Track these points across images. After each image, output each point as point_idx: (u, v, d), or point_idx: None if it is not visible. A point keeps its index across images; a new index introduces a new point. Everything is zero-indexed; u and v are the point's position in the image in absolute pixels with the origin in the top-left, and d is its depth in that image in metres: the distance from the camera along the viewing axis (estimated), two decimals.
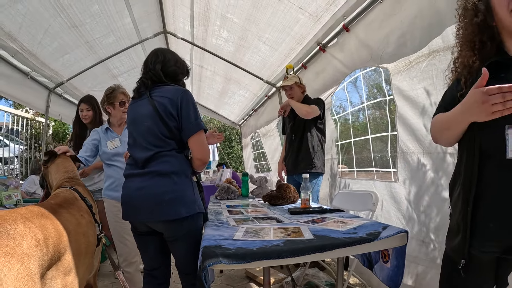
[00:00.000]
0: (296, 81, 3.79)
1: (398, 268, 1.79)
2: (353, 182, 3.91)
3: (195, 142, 2.12)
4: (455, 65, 1.58)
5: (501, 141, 1.30)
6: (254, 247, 1.56)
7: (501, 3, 1.38)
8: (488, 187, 1.35)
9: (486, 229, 1.36)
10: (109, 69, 5.98)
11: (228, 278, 4.04)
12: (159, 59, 2.26)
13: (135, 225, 2.23)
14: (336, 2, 3.33)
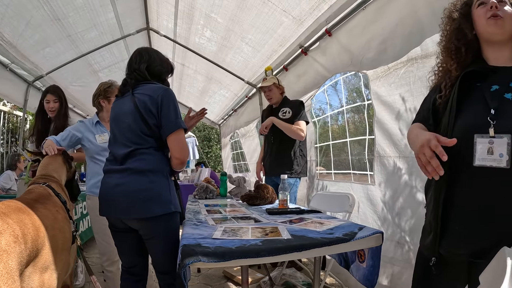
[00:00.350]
0: (274, 82, 3.80)
1: (374, 267, 1.84)
2: (330, 184, 3.97)
3: (174, 141, 2.11)
4: (438, 69, 1.65)
5: (469, 150, 1.37)
6: (233, 246, 1.57)
7: (480, 13, 1.46)
8: (457, 192, 1.41)
9: (454, 231, 1.42)
10: (90, 64, 5.91)
11: (206, 277, 4.05)
12: (144, 59, 2.26)
13: (112, 222, 2.22)
14: (319, 7, 3.38)
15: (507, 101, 1.35)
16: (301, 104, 3.74)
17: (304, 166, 3.80)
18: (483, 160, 1.33)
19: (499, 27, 1.42)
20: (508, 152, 1.28)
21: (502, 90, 1.38)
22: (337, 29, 3.41)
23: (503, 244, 1.26)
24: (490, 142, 1.32)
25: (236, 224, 2.16)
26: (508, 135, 1.29)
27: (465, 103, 1.45)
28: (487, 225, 1.32)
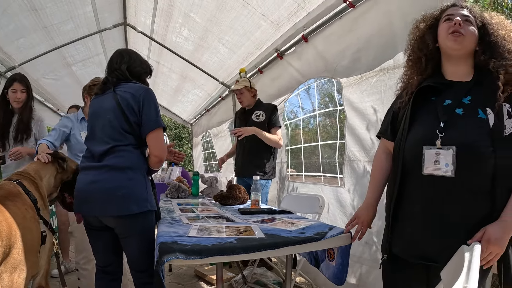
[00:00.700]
0: (246, 85, 3.83)
1: (343, 266, 1.93)
2: (301, 185, 4.06)
3: (153, 139, 2.15)
4: (403, 77, 1.78)
5: (419, 160, 1.50)
6: (209, 244, 1.62)
7: (444, 27, 1.58)
8: (408, 198, 1.55)
9: (406, 234, 1.55)
10: (64, 57, 5.77)
11: (178, 276, 4.07)
12: (124, 60, 2.29)
13: (88, 220, 2.22)
14: (298, 13, 3.46)
15: (457, 115, 1.47)
16: (274, 109, 3.81)
17: (275, 167, 3.87)
18: (431, 169, 1.46)
19: (458, 43, 1.52)
20: (453, 162, 1.41)
21: (454, 105, 1.50)
22: (313, 35, 3.50)
23: (451, 248, 1.38)
24: (437, 153, 1.45)
25: (210, 223, 2.20)
26: (454, 147, 1.41)
27: (419, 115, 1.58)
28: (434, 230, 1.45)
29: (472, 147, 1.40)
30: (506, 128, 1.40)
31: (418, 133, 1.55)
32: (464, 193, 1.40)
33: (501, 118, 1.40)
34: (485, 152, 1.38)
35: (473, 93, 1.51)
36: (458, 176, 1.41)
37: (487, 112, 1.43)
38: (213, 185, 3.88)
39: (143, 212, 2.08)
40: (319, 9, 3.22)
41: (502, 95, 1.41)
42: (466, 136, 1.42)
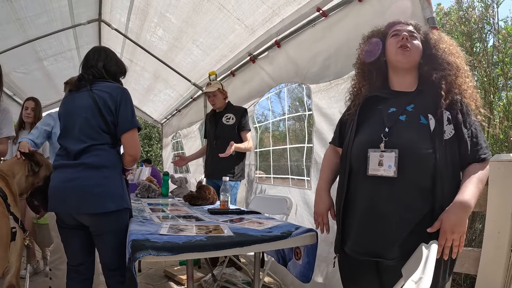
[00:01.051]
0: (219, 87, 3.91)
1: (309, 264, 2.01)
2: (269, 187, 4.14)
3: (129, 139, 2.19)
4: (352, 89, 1.90)
5: (365, 162, 1.61)
6: (180, 241, 1.67)
7: (392, 42, 1.71)
8: (354, 197, 1.67)
9: (353, 232, 1.66)
10: (36, 51, 5.62)
11: (147, 277, 4.07)
12: (101, 57, 2.31)
13: (62, 218, 2.20)
14: (272, 19, 3.54)
15: (401, 121, 1.61)
16: (244, 112, 3.89)
17: (244, 169, 3.94)
18: (375, 170, 1.58)
19: (406, 57, 1.66)
20: (396, 164, 1.53)
21: (398, 112, 1.63)
22: (286, 41, 3.58)
23: (396, 244, 1.51)
24: (381, 156, 1.57)
25: (180, 222, 2.24)
26: (396, 150, 1.54)
27: (366, 122, 1.71)
28: (379, 227, 1.56)
29: (413, 149, 1.53)
30: (446, 133, 1.54)
31: (364, 137, 1.67)
32: (406, 192, 1.52)
33: (441, 124, 1.54)
34: (425, 153, 1.51)
35: (416, 102, 1.64)
36: (400, 176, 1.53)
37: (428, 118, 1.57)
38: (183, 185, 3.92)
39: (119, 210, 2.12)
40: (293, 16, 3.30)
41: (444, 102, 1.56)
42: (408, 139, 1.55)
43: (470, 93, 1.67)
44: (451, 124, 1.57)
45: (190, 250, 1.63)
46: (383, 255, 1.55)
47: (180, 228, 1.98)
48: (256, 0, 3.40)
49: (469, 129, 1.57)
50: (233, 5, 3.64)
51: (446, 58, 1.64)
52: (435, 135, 1.53)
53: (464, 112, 1.60)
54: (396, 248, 1.52)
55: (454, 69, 1.63)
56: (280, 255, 2.34)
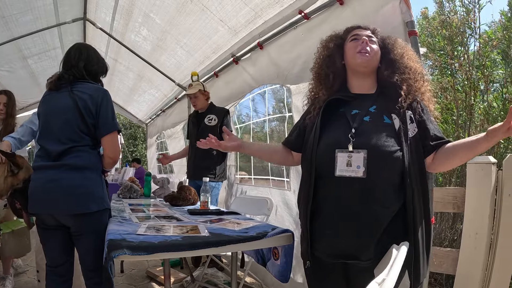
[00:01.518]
0: (200, 88, 3.94)
1: (287, 264, 2.03)
2: (250, 188, 4.16)
3: (109, 141, 2.23)
4: (310, 94, 1.92)
5: (332, 163, 1.60)
6: (156, 241, 1.68)
7: (351, 46, 1.73)
8: (322, 200, 1.65)
9: (323, 236, 1.64)
10: (20, 49, 5.56)
11: (129, 277, 4.06)
12: (82, 56, 2.30)
13: (42, 219, 2.19)
14: (255, 21, 3.55)
15: (366, 122, 1.62)
16: (227, 113, 3.92)
17: (225, 170, 3.96)
18: (343, 171, 1.57)
19: (365, 61, 1.69)
20: (364, 164, 1.53)
21: (362, 114, 1.65)
22: (268, 43, 3.59)
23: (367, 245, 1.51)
24: (349, 156, 1.57)
25: (159, 222, 2.24)
26: (365, 150, 1.55)
27: (330, 124, 1.71)
28: (350, 229, 1.55)
29: (381, 148, 1.54)
30: (409, 131, 1.57)
31: (330, 139, 1.66)
32: (375, 192, 1.53)
33: (405, 123, 1.57)
34: (393, 152, 1.53)
35: (378, 103, 1.67)
36: (370, 176, 1.53)
37: (392, 118, 1.59)
38: (165, 186, 3.92)
39: (100, 210, 2.15)
40: (275, 18, 3.32)
41: (405, 103, 1.60)
42: (375, 139, 1.56)
43: (428, 96, 1.73)
44: (413, 123, 1.60)
45: (165, 250, 1.64)
46: (358, 256, 1.54)
47: (158, 228, 1.99)
48: (239, 2, 3.41)
49: (432, 124, 1.62)
50: (216, 6, 3.65)
51: (405, 63, 1.68)
52: (400, 133, 1.55)
53: (425, 111, 1.65)
54: (370, 248, 1.52)
55: (413, 73, 1.67)
56: (260, 256, 2.35)
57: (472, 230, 2.07)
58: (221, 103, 4.29)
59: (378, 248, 1.50)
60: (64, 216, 2.11)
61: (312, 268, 1.75)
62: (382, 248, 1.46)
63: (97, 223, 2.14)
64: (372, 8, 2.44)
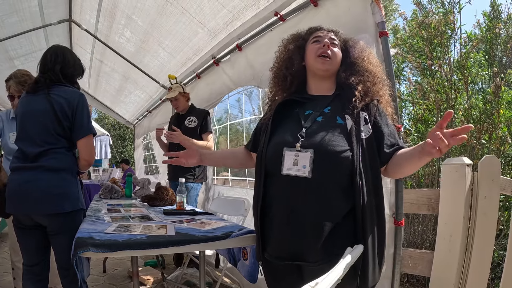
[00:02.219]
0: (180, 91, 3.95)
1: (255, 264, 2.05)
2: (227, 189, 4.19)
3: (84, 145, 2.31)
4: (268, 95, 1.90)
5: (279, 161, 1.58)
6: (121, 239, 1.70)
7: (312, 48, 1.72)
8: (271, 199, 1.63)
9: (272, 236, 1.62)
10: (7, 50, 5.58)
11: (111, 277, 4.09)
12: (59, 59, 2.34)
13: (19, 218, 2.24)
14: (233, 23, 3.59)
15: (317, 122, 1.61)
16: (207, 114, 3.93)
17: (205, 171, 3.98)
18: (289, 169, 1.54)
19: (326, 64, 1.68)
20: (311, 164, 1.50)
21: (316, 114, 1.63)
22: (246, 45, 3.63)
23: (314, 247, 1.47)
24: (296, 155, 1.54)
25: (131, 221, 2.26)
26: (312, 150, 1.52)
27: (282, 124, 1.69)
28: (296, 229, 1.52)
29: (328, 148, 1.50)
30: (363, 132, 1.54)
31: (280, 138, 1.64)
32: (322, 192, 1.48)
33: (358, 123, 1.54)
34: (341, 152, 1.49)
35: (333, 104, 1.65)
36: (316, 176, 1.49)
37: (345, 118, 1.56)
38: (145, 186, 3.93)
39: (75, 210, 2.23)
40: (253, 20, 3.37)
41: (359, 103, 1.58)
42: (324, 139, 1.52)
43: (387, 100, 1.71)
44: (368, 124, 1.56)
45: (128, 248, 1.66)
46: (304, 258, 1.51)
47: (128, 227, 2.02)
48: (216, 4, 3.46)
49: (387, 127, 1.60)
50: (195, 9, 3.68)
51: (365, 66, 1.66)
52: (352, 134, 1.51)
53: (382, 114, 1.62)
54: (317, 250, 1.48)
55: (372, 77, 1.65)
56: (231, 256, 2.38)
57: (447, 232, 2.07)
58: (201, 104, 4.32)
59: (328, 251, 1.46)
60: (40, 216, 2.16)
61: (266, 270, 1.73)
62: (332, 251, 1.44)
63: (72, 222, 2.17)
64: (344, 9, 2.49)
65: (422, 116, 4.54)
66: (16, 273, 2.92)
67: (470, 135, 4.11)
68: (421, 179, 4.39)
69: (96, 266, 4.29)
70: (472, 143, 4.08)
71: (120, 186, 4.08)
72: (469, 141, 4.09)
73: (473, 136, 4.08)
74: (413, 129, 4.52)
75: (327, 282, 1.04)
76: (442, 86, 4.47)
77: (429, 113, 4.61)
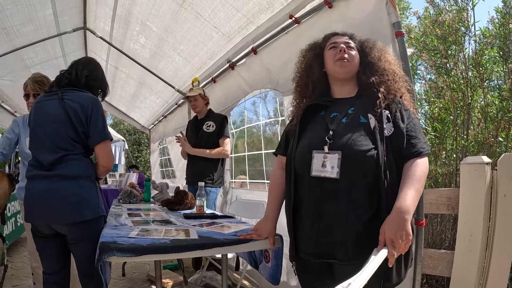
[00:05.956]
0: (200, 92, 4.00)
1: (277, 267, 2.07)
2: (245, 192, 4.20)
3: (102, 150, 2.25)
4: (293, 102, 1.95)
5: (308, 164, 1.64)
6: (145, 244, 1.73)
7: (330, 54, 1.77)
8: (301, 201, 1.69)
9: (304, 236, 1.68)
10: (23, 59, 5.66)
11: (130, 281, 4.13)
12: (89, 67, 2.37)
13: (38, 228, 2.20)
14: (247, 27, 3.62)
15: (343, 124, 1.66)
16: (224, 119, 3.95)
17: (223, 175, 4.00)
18: (318, 171, 1.61)
19: (344, 68, 1.73)
20: (339, 166, 1.56)
21: (341, 116, 1.68)
22: (262, 48, 3.65)
23: (345, 245, 1.53)
24: (324, 157, 1.60)
25: (153, 226, 2.29)
26: (340, 151, 1.58)
27: (309, 127, 1.75)
28: (324, 228, 1.58)
29: (355, 148, 1.56)
30: (386, 130, 1.59)
31: (308, 140, 1.70)
32: (350, 192, 1.54)
33: (381, 122, 1.59)
34: (367, 151, 1.54)
35: (356, 105, 1.70)
36: (344, 176, 1.55)
37: (368, 117, 1.62)
38: (164, 191, 3.97)
39: (95, 218, 2.17)
40: (267, 24, 3.38)
41: (382, 103, 1.62)
42: (349, 139, 1.58)
43: (409, 96, 1.76)
44: (390, 122, 1.61)
45: (153, 252, 1.69)
46: (334, 256, 1.57)
47: (150, 232, 2.04)
48: (231, 9, 3.48)
49: (407, 124, 1.61)
50: (210, 13, 3.71)
51: (383, 65, 1.71)
52: (376, 132, 1.56)
53: (403, 110, 1.65)
54: (348, 249, 1.53)
55: (391, 75, 1.70)
56: (252, 258, 2.39)
57: (467, 232, 2.05)
58: (218, 108, 4.34)
59: (358, 249, 1.51)
60: (59, 225, 2.13)
61: (300, 269, 1.79)
62: (363, 249, 1.48)
63: (93, 230, 2.15)
64: (359, 10, 2.49)
65: (438, 115, 4.50)
66: (36, 278, 2.91)
67: (488, 133, 4.07)
68: (438, 178, 4.35)
69: (115, 269, 4.33)
70: (489, 141, 4.04)
71: (139, 190, 4.12)
72: (487, 139, 4.05)
73: (490, 134, 4.04)
74: (430, 128, 4.48)
75: (359, 283, 1.07)
76: (458, 84, 4.43)
77: (445, 111, 4.57)
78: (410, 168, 1.54)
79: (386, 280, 1.53)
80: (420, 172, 1.53)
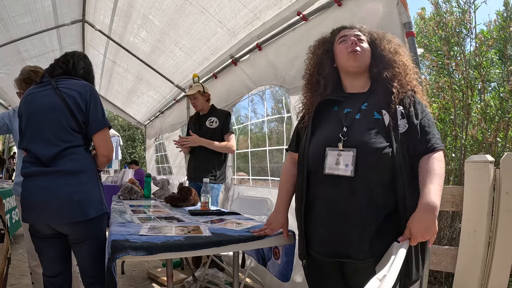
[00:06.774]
0: (199, 90, 3.92)
1: (288, 264, 2.03)
2: (248, 189, 4.18)
3: (101, 139, 2.13)
4: (303, 99, 1.93)
5: (322, 161, 1.61)
6: (159, 241, 1.69)
7: (341, 48, 1.74)
8: (314, 198, 1.66)
9: (317, 233, 1.65)
10: (19, 51, 5.57)
11: (130, 279, 4.08)
12: (86, 62, 2.30)
13: (38, 228, 2.05)
14: (253, 22, 3.59)
15: (356, 120, 1.63)
16: (228, 115, 3.91)
17: (225, 172, 3.98)
18: (332, 169, 1.58)
19: (357, 61, 1.70)
20: (353, 163, 1.53)
21: (354, 112, 1.66)
22: (267, 44, 3.63)
23: (359, 243, 1.51)
24: (339, 155, 1.57)
25: (161, 223, 2.25)
26: (354, 149, 1.55)
27: (322, 124, 1.72)
28: (339, 227, 1.55)
29: (370, 145, 1.53)
30: (400, 127, 1.56)
31: (321, 137, 1.67)
32: (366, 190, 1.51)
33: (395, 118, 1.57)
34: (382, 149, 1.52)
35: (370, 100, 1.68)
36: (359, 174, 1.52)
37: (382, 113, 1.59)
38: (165, 187, 3.93)
39: (99, 216, 2.06)
40: (274, 20, 3.36)
41: (396, 98, 1.59)
42: (364, 136, 1.55)
43: (421, 89, 1.74)
44: (404, 118, 1.58)
45: (168, 250, 1.65)
46: (349, 254, 1.54)
47: (160, 229, 2.00)
48: (237, 4, 3.45)
49: (420, 119, 1.59)
50: (215, 8, 3.67)
51: (393, 57, 1.68)
52: (390, 129, 1.54)
53: (416, 105, 1.62)
54: (363, 247, 1.51)
55: (403, 67, 1.67)
56: (260, 255, 2.37)
57: (471, 228, 2.08)
58: (219, 104, 4.30)
59: (374, 247, 1.49)
60: (61, 225, 2.00)
61: (309, 267, 1.77)
62: (378, 248, 1.47)
63: (97, 228, 2.07)
64: (369, 9, 2.47)
65: (438, 115, 4.53)
66: (35, 277, 2.81)
67: (487, 133, 4.12)
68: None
69: None
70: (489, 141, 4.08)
71: (139, 186, 4.08)
72: (487, 139, 4.09)
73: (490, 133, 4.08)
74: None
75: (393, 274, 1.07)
76: (458, 84, 4.47)
77: (445, 111, 4.60)
78: (429, 163, 1.52)
79: (407, 276, 1.51)
80: (439, 168, 1.51)
